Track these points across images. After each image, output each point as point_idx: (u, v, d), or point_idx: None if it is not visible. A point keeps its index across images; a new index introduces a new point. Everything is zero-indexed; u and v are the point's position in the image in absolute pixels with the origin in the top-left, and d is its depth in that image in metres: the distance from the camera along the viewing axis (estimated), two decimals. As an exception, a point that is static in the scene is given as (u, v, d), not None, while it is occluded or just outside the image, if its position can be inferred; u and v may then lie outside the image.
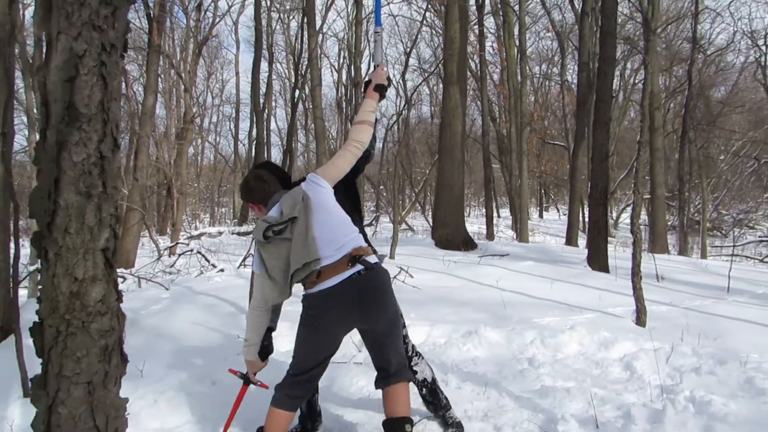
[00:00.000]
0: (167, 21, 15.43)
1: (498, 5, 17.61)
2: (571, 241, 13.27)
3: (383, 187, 23.62)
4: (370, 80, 2.71)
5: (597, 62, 9.99)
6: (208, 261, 8.38)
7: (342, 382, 3.47)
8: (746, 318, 4.99)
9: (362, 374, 3.54)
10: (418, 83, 20.53)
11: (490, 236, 15.34)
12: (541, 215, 31.68)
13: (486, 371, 3.66)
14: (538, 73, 25.85)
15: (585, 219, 16.85)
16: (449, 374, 3.58)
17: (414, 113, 26.09)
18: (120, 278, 7.08)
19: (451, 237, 10.31)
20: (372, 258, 2.38)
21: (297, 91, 18.25)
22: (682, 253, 14.09)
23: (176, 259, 9.35)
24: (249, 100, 27.80)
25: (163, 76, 19.65)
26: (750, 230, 20.30)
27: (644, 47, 7.11)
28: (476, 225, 19.46)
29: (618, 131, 21.38)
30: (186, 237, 13.49)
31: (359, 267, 2.30)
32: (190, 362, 3.87)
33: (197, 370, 3.69)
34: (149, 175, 16.46)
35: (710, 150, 19.91)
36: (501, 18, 17.32)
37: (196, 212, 27.57)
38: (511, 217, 20.22)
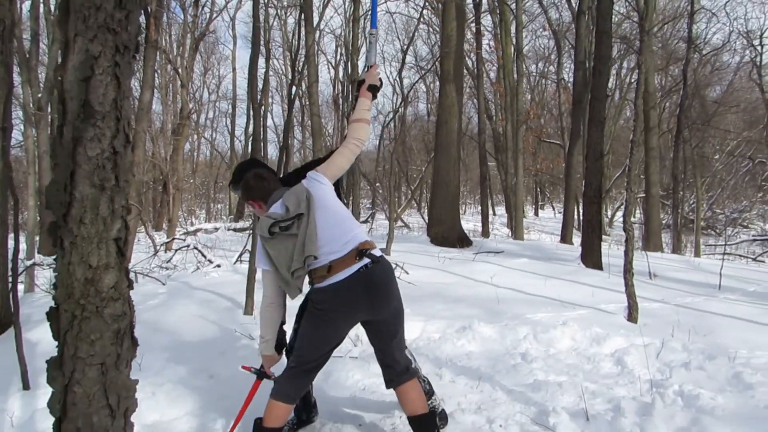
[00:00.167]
0: (164, 16, 15.38)
1: (495, 3, 17.63)
2: (566, 239, 13.34)
3: (379, 184, 23.66)
4: (364, 80, 2.75)
5: (593, 61, 10.03)
6: (205, 256, 8.37)
7: (338, 376, 3.52)
8: (736, 315, 5.06)
9: (358, 368, 3.59)
10: (415, 81, 20.56)
11: (486, 233, 15.42)
12: (537, 213, 31.82)
13: (480, 365, 3.71)
14: (535, 72, 25.93)
15: (580, 217, 16.91)
16: (443, 368, 3.62)
17: (410, 110, 26.11)
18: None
19: (447, 234, 10.36)
20: (377, 251, 2.44)
21: (294, 88, 18.23)
22: (676, 252, 14.19)
23: (173, 255, 9.36)
24: (245, 96, 27.85)
25: (160, 72, 19.61)
26: (744, 229, 20.39)
27: (639, 47, 7.18)
28: (472, 222, 19.52)
29: (614, 130, 21.42)
30: (182, 233, 13.48)
31: (366, 260, 2.37)
32: (188, 356, 3.92)
33: (195, 364, 3.74)
34: (145, 171, 16.43)
35: (705, 149, 20.04)
36: (498, 16, 17.38)
37: (192, 208, 27.52)
38: (507, 215, 20.30)
